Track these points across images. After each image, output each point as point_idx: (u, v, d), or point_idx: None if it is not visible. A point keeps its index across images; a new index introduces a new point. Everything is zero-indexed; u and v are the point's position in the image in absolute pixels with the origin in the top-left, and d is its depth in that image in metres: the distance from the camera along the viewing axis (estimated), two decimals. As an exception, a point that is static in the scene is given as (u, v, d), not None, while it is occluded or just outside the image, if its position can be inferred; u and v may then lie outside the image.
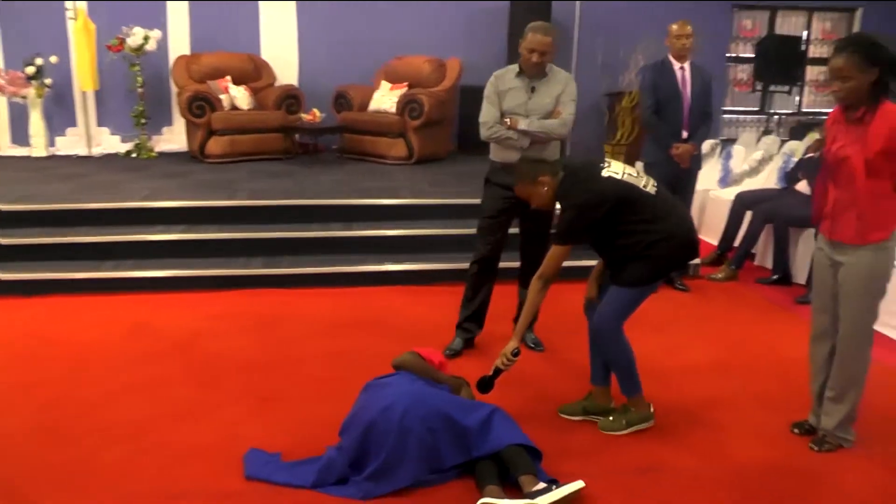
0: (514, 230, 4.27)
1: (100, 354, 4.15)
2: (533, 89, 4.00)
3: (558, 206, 3.35)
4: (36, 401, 3.60)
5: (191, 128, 7.64)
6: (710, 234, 6.90)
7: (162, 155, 8.10)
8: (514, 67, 4.04)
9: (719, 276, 5.85)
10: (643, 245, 3.17)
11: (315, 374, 3.96)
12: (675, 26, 5.27)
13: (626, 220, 3.19)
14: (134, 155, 7.97)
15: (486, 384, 3.32)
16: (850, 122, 3.00)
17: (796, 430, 3.44)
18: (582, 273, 5.36)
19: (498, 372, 3.31)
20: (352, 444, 2.88)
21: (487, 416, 2.97)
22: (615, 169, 3.24)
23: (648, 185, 3.26)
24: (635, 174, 3.27)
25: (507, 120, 3.97)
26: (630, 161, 6.13)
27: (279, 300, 5.04)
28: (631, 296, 3.27)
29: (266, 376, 3.92)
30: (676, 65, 5.26)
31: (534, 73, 3.99)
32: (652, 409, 3.44)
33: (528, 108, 3.97)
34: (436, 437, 2.89)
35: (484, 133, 4.04)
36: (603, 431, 3.38)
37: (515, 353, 3.29)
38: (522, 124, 3.93)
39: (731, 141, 8.66)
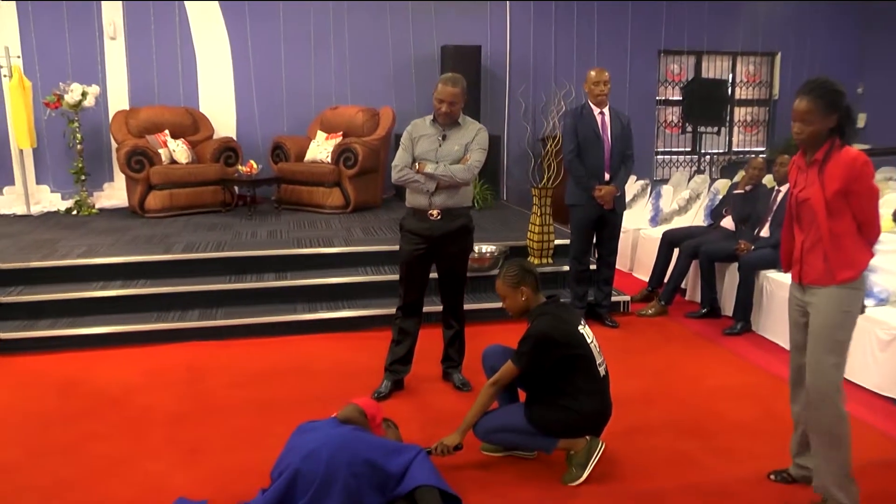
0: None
1: (26, 414, 4.12)
2: (444, 137, 4.19)
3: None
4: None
5: (130, 183, 7.66)
6: (642, 271, 7.11)
7: (103, 211, 8.09)
8: (430, 116, 4.23)
9: (649, 311, 6.00)
10: (566, 407, 3.35)
11: (240, 424, 4.00)
12: (593, 73, 5.44)
13: (568, 378, 3.35)
14: (74, 212, 7.95)
15: None
16: (808, 164, 3.03)
17: (773, 477, 3.39)
18: (500, 314, 5.54)
19: (429, 453, 3.31)
20: (278, 487, 2.94)
21: (410, 461, 3.08)
22: (588, 332, 3.46)
23: (602, 364, 3.46)
24: (598, 349, 3.46)
25: (417, 164, 4.15)
26: (556, 203, 6.27)
27: (210, 352, 5.07)
28: (525, 429, 3.40)
29: (192, 428, 3.94)
30: (596, 110, 5.43)
31: (445, 122, 4.18)
32: (587, 437, 3.42)
33: (438, 154, 4.16)
34: (359, 482, 2.97)
35: (394, 175, 4.24)
36: (566, 485, 3.36)
37: (457, 448, 3.40)
38: (429, 168, 4.11)
39: (663, 181, 8.95)
